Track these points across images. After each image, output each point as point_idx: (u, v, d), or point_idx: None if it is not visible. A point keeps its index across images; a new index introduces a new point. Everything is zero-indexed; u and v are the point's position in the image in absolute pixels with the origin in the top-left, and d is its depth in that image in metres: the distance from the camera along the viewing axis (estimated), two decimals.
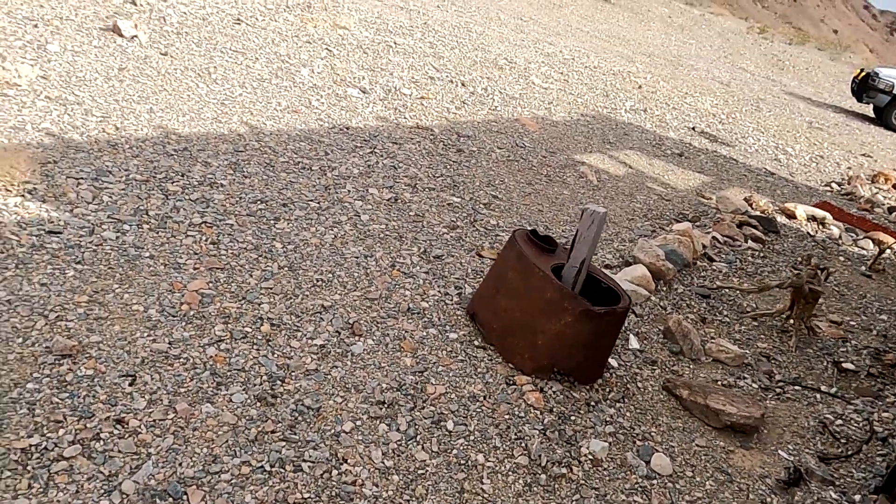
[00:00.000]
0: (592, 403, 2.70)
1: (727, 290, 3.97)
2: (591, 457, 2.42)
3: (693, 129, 7.79)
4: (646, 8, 21.63)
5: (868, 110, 13.46)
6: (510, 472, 2.27)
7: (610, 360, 2.95)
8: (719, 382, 3.11)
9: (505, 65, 7.79)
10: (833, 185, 7.32)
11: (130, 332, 2.35)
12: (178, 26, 5.49)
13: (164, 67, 4.63)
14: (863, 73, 13.01)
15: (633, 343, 3.19)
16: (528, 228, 3.07)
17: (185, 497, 1.85)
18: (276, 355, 2.45)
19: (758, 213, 5.40)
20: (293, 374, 2.39)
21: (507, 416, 2.50)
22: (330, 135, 4.47)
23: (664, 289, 3.78)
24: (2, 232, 2.60)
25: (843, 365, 3.49)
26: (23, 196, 2.85)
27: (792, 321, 3.68)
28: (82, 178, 3.10)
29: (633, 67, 10.40)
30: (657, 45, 14.70)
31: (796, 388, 3.23)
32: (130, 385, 2.14)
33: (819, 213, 5.68)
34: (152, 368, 2.23)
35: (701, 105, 9.21)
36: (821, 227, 5.54)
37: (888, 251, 5.22)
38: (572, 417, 2.59)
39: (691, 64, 13.24)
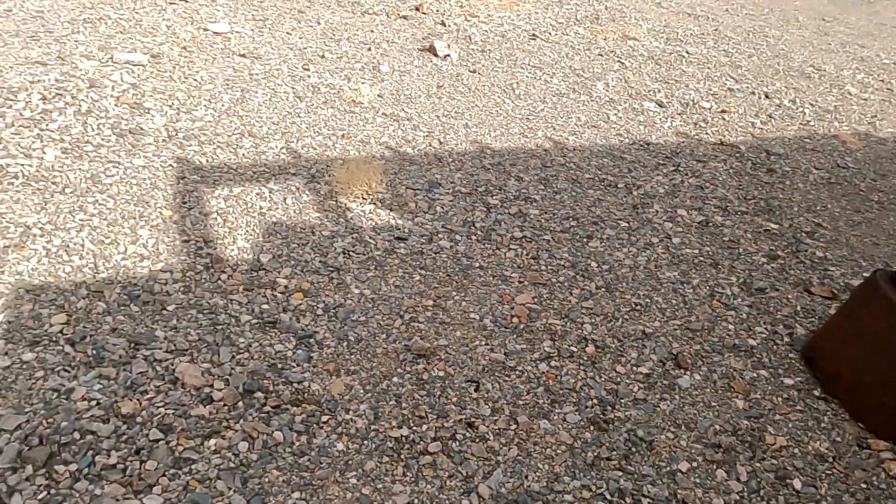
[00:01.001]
0: None
1: None
2: None
3: None
4: None
5: None
6: None
7: None
8: None
9: (812, 73, 6.97)
10: None
11: (470, 339, 2.51)
12: (482, 44, 5.83)
13: (474, 84, 4.94)
14: None
15: None
16: (892, 269, 2.66)
17: None
18: (603, 379, 2.44)
19: None
20: (622, 400, 2.35)
21: (863, 486, 2.18)
22: (631, 151, 4.38)
23: None
24: (363, 236, 2.97)
25: None
26: (374, 204, 3.23)
27: None
28: (418, 189, 3.42)
29: None
30: None
31: None
32: (475, 391, 2.28)
33: None
34: (492, 377, 2.36)
35: None
36: None
37: None
38: None
39: None
